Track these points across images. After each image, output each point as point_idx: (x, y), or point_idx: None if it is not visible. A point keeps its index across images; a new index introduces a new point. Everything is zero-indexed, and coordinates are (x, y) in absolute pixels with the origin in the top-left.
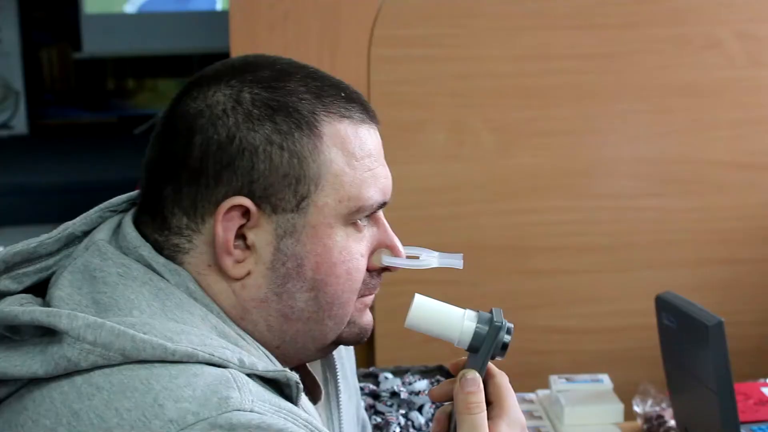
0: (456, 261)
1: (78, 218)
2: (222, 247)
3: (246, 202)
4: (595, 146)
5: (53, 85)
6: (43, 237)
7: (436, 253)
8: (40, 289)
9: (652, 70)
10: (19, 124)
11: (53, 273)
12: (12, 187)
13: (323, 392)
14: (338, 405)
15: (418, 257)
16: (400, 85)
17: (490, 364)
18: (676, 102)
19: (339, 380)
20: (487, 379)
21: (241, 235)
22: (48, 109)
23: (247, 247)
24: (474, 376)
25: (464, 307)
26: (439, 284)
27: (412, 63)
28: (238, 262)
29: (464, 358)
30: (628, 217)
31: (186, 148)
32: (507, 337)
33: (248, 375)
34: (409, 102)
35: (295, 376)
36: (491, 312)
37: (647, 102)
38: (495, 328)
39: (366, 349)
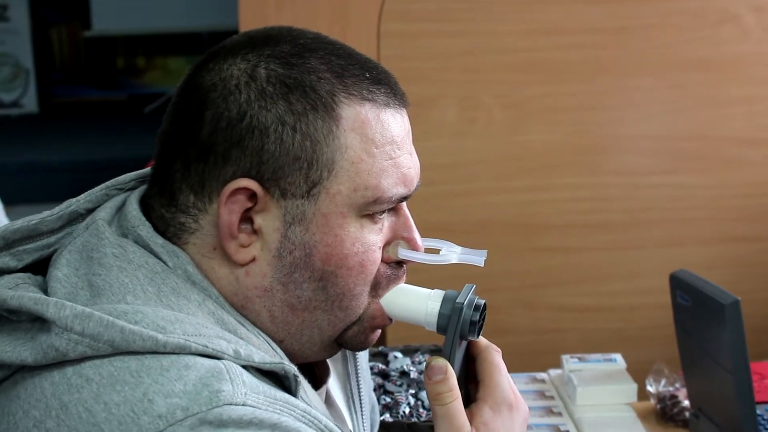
0: (477, 258)
1: (82, 195)
2: (225, 229)
3: (252, 184)
4: (609, 122)
5: (63, 63)
6: (45, 214)
7: (459, 248)
8: (41, 267)
9: (667, 44)
10: (29, 103)
11: (55, 250)
12: (22, 166)
13: (332, 371)
14: (357, 369)
15: (438, 250)
16: (410, 60)
17: (481, 338)
18: (691, 77)
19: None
20: (475, 355)
21: (248, 219)
22: (58, 88)
23: (254, 232)
24: (439, 364)
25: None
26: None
27: (422, 38)
28: (243, 246)
29: None
30: (642, 194)
31: (196, 122)
32: (474, 315)
33: (244, 366)
34: (420, 78)
35: (293, 368)
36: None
37: (661, 77)
38: (457, 308)
39: None
